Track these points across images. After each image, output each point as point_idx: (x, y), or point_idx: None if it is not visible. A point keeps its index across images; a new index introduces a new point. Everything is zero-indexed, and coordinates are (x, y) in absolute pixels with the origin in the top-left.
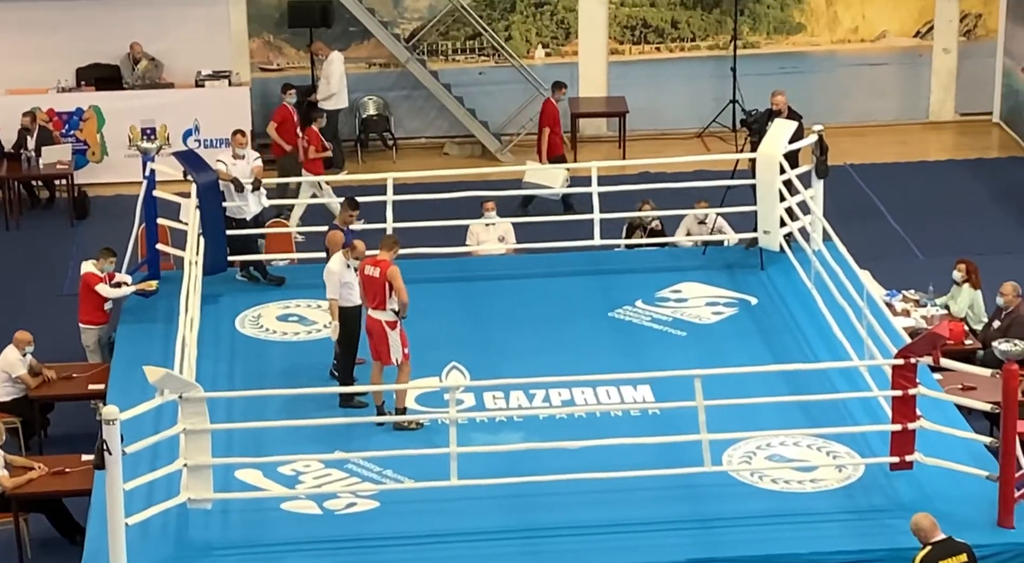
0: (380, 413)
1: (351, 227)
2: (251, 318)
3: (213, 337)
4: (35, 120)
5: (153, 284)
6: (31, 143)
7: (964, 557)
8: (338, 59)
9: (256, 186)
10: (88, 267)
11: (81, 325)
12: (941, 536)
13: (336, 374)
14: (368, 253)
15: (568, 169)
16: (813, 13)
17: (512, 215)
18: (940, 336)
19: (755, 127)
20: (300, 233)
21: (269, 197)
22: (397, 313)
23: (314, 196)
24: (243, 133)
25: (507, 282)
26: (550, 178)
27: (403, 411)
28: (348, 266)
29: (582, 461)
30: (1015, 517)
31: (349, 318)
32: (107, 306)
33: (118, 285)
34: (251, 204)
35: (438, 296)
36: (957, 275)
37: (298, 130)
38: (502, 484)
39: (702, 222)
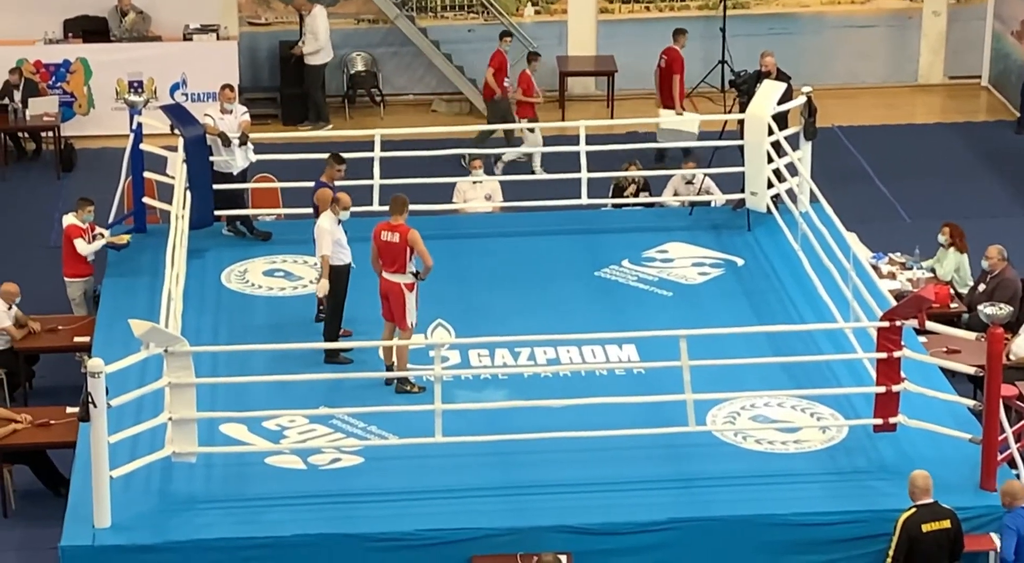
0: (388, 369)
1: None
2: (237, 273)
3: (199, 291)
4: (21, 75)
5: (125, 238)
6: (17, 96)
7: (948, 523)
8: (322, 13)
9: (243, 141)
10: (69, 219)
11: (66, 279)
12: (928, 500)
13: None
14: (355, 208)
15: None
16: None
17: (495, 173)
18: (925, 299)
19: (744, 88)
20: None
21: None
22: (416, 276)
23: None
24: (231, 88)
25: (493, 240)
26: (687, 124)
27: (406, 378)
28: (338, 222)
29: (566, 419)
30: (997, 480)
31: (339, 276)
32: (90, 258)
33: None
34: (238, 159)
35: None
36: (942, 238)
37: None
38: (486, 441)
39: (689, 182)
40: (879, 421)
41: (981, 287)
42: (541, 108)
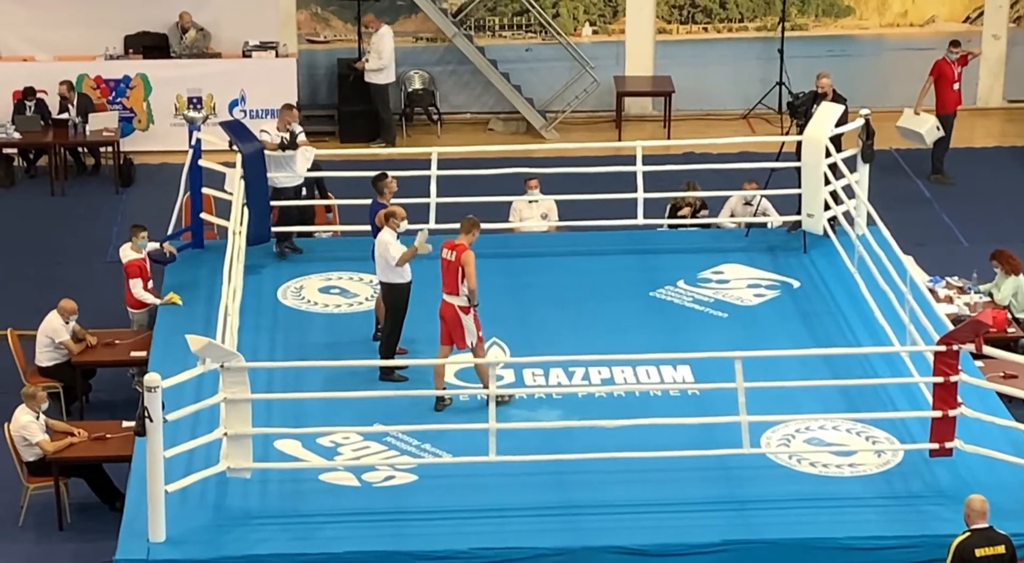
0: (440, 400)
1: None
2: (293, 289)
3: (255, 307)
4: (72, 89)
5: (176, 297)
6: (73, 111)
7: (1002, 548)
8: (389, 33)
9: (295, 145)
10: (127, 253)
11: (129, 309)
12: (983, 524)
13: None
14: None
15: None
16: None
17: (554, 192)
18: (983, 323)
19: (801, 110)
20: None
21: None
22: (469, 299)
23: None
24: (292, 107)
25: (549, 259)
26: (918, 123)
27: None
28: (398, 238)
29: (620, 440)
30: None
31: (400, 294)
32: (149, 285)
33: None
34: (299, 166)
35: (480, 272)
36: (996, 267)
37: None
38: (540, 461)
39: (748, 203)
40: (935, 446)
41: None
42: (598, 128)
